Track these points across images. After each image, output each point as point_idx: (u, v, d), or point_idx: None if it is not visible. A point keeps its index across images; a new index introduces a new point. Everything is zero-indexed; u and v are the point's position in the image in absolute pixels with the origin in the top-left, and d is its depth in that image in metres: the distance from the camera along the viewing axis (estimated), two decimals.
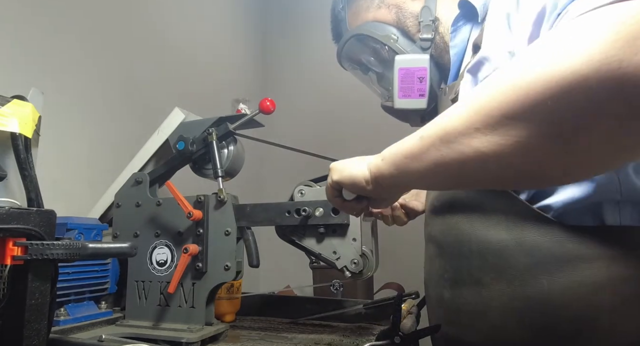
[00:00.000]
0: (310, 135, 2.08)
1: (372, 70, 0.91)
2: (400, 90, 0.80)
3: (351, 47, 0.88)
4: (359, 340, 0.82)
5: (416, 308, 1.06)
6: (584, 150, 0.38)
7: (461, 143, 0.43)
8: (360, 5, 0.86)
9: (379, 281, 1.68)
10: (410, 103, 0.80)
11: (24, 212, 0.51)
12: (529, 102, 0.37)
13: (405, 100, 0.80)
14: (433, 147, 0.46)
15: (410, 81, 0.79)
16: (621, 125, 0.35)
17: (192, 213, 0.78)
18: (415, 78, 0.79)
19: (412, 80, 0.79)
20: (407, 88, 0.80)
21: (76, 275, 0.80)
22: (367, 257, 0.76)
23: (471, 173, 0.45)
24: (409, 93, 0.80)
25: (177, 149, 0.87)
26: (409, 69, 0.79)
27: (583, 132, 0.36)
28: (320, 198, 0.77)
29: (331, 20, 0.94)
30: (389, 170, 0.55)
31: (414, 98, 0.80)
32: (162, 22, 1.55)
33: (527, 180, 0.47)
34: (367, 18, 0.85)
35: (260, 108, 0.85)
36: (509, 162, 0.41)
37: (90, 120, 1.21)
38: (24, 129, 0.59)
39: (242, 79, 2.14)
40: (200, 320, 0.80)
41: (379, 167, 0.56)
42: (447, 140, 0.45)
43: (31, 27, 1.06)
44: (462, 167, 0.44)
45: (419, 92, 0.79)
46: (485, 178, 0.47)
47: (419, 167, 0.49)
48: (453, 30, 0.74)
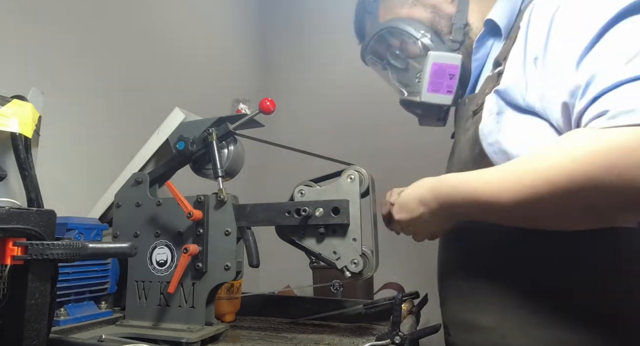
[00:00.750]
0: (310, 135, 2.08)
1: (395, 65, 0.92)
2: (430, 84, 0.83)
3: (381, 39, 0.91)
4: (359, 340, 0.82)
5: (416, 308, 1.06)
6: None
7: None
8: (393, 1, 0.89)
9: (379, 281, 1.68)
10: (438, 98, 0.84)
11: (24, 212, 0.51)
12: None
13: (433, 95, 0.84)
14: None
15: (441, 77, 0.82)
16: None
17: (192, 213, 0.78)
18: (447, 74, 0.82)
19: (443, 76, 0.82)
20: (437, 83, 0.83)
21: (76, 275, 0.80)
22: (367, 256, 0.75)
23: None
24: (438, 89, 0.83)
25: (177, 149, 0.87)
26: (441, 64, 0.82)
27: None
28: (320, 198, 0.77)
29: (356, 13, 0.97)
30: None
31: (442, 94, 0.83)
32: (162, 22, 1.55)
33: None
34: (401, 14, 0.88)
35: (260, 108, 0.85)
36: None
37: (90, 120, 1.21)
38: (24, 129, 0.59)
39: (242, 79, 2.14)
40: (200, 320, 0.80)
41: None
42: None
43: (31, 27, 1.06)
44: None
45: (448, 88, 0.83)
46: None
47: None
48: (477, 46, 0.80)
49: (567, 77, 0.56)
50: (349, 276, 0.75)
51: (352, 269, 0.75)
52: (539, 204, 0.56)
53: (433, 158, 1.11)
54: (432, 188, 0.70)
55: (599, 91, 0.52)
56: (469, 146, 0.73)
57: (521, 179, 0.56)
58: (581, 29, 0.57)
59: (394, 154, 1.83)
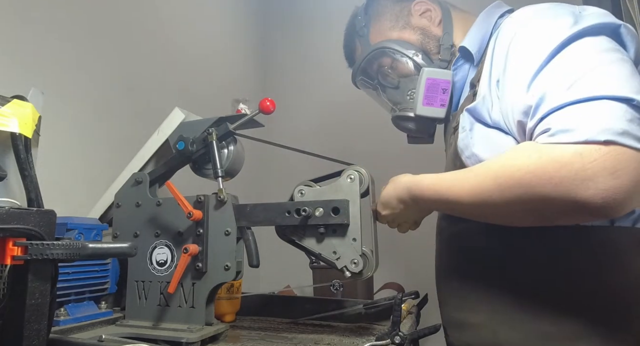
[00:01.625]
0: (310, 135, 2.08)
1: (385, 85, 1.00)
2: (425, 98, 0.88)
3: (372, 59, 0.98)
4: (359, 340, 0.82)
5: (416, 308, 1.07)
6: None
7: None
8: (384, 25, 0.97)
9: (379, 281, 1.67)
10: (432, 111, 0.89)
11: (24, 212, 0.51)
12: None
13: (428, 108, 0.89)
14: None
15: (435, 91, 0.88)
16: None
17: (192, 213, 0.78)
18: (440, 89, 0.88)
19: (436, 90, 0.88)
20: (431, 98, 0.88)
21: (76, 275, 0.80)
22: (367, 256, 0.76)
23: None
24: (432, 102, 0.89)
25: (177, 149, 0.87)
26: (435, 79, 0.88)
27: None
28: (320, 198, 0.77)
29: (346, 38, 1.05)
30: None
31: (436, 107, 0.89)
32: (162, 22, 1.55)
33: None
34: (391, 36, 0.95)
35: (260, 108, 0.85)
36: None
37: (90, 120, 1.21)
38: (24, 129, 0.59)
39: (242, 79, 2.13)
40: (200, 320, 0.80)
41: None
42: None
43: (31, 27, 1.06)
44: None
45: (441, 102, 0.88)
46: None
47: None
48: (454, 69, 0.87)
49: (520, 99, 0.63)
50: (349, 276, 0.75)
51: (352, 269, 0.75)
52: (490, 204, 0.64)
53: (432, 158, 1.11)
54: (409, 188, 0.78)
55: (544, 112, 0.59)
56: (452, 159, 0.80)
57: (478, 183, 0.65)
58: (532, 55, 0.64)
59: (394, 154, 1.83)
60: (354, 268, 0.75)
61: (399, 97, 0.98)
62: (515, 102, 0.64)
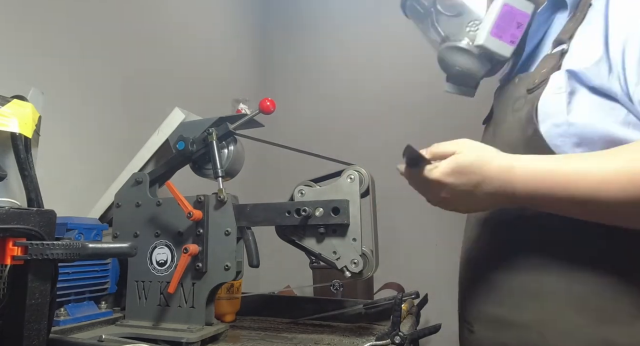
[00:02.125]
0: (310, 135, 2.08)
1: (442, 10, 0.80)
2: (495, 27, 0.72)
3: None
4: (359, 340, 0.82)
5: (416, 308, 1.07)
6: None
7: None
8: None
9: (379, 281, 1.68)
10: (499, 46, 0.73)
11: (24, 212, 0.51)
12: None
13: (495, 40, 0.73)
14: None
15: (509, 22, 0.73)
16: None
17: (192, 213, 0.78)
18: (515, 21, 0.73)
19: (511, 21, 0.73)
20: (502, 28, 0.73)
21: (76, 275, 0.80)
22: (367, 256, 0.75)
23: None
24: (502, 34, 0.73)
25: (177, 149, 0.87)
26: (513, 8, 0.72)
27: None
28: (320, 198, 0.77)
29: None
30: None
31: (504, 42, 0.73)
32: (162, 22, 1.55)
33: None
34: None
35: (260, 108, 0.85)
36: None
37: (90, 120, 1.21)
38: (24, 129, 0.59)
39: (242, 79, 2.14)
40: (200, 320, 0.80)
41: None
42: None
43: (31, 27, 1.06)
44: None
45: (512, 37, 0.73)
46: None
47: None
48: (537, 19, 0.72)
49: None
50: (349, 276, 0.75)
51: (352, 269, 0.75)
52: (618, 206, 0.52)
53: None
54: (507, 170, 0.61)
55: None
56: (520, 127, 0.67)
57: (607, 180, 0.52)
58: None
59: (394, 154, 1.83)
60: (354, 268, 0.75)
61: (456, 27, 0.79)
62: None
